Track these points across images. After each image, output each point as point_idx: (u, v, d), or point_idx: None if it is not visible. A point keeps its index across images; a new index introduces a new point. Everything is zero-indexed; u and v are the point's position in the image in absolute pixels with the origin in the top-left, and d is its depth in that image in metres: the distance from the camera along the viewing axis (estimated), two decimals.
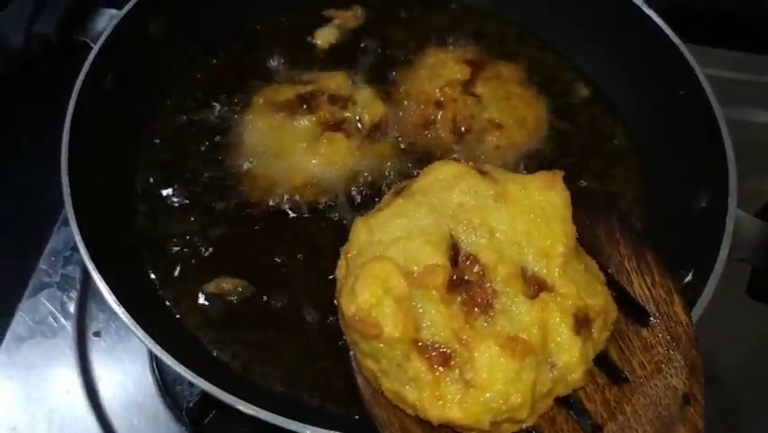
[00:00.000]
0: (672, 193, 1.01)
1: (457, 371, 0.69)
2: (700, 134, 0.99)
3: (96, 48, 0.97)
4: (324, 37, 1.17)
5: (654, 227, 1.00)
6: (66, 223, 1.14)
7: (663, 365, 0.68)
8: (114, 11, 1.03)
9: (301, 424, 0.74)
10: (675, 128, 1.05)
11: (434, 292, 0.71)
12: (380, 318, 0.70)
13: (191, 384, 0.84)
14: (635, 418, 0.67)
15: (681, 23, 1.06)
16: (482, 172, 0.80)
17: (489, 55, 1.14)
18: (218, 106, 1.08)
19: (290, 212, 0.99)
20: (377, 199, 0.88)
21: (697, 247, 0.90)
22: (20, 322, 1.06)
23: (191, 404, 0.93)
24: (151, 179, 1.02)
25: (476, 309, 0.72)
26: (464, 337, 0.70)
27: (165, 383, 1.01)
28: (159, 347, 0.77)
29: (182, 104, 1.09)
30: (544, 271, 0.74)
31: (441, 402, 0.69)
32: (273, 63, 1.14)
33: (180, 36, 1.10)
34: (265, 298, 0.92)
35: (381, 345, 0.70)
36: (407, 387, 0.71)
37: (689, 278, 0.88)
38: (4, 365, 1.03)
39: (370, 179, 1.01)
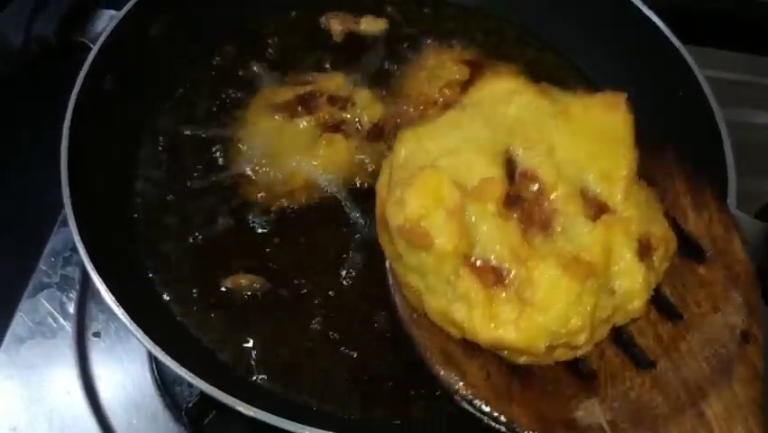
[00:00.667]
0: None
1: (513, 289, 0.64)
2: (700, 136, 0.99)
3: (95, 49, 0.97)
4: (375, 26, 1.17)
5: None
6: (65, 223, 1.13)
7: (720, 304, 0.64)
8: (113, 12, 1.04)
9: (300, 425, 0.74)
10: (675, 129, 1.05)
11: (489, 206, 0.66)
12: (431, 230, 0.65)
13: (190, 385, 0.84)
14: (691, 355, 0.63)
15: (681, 23, 1.06)
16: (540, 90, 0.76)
17: (489, 56, 1.14)
18: (218, 108, 1.08)
19: (290, 214, 0.99)
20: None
21: None
22: (19, 322, 1.06)
23: (190, 405, 0.93)
24: (151, 180, 1.02)
25: (534, 227, 0.66)
26: (522, 255, 0.64)
27: (164, 384, 1.01)
28: (158, 348, 0.77)
29: (182, 104, 1.09)
30: (606, 193, 0.69)
31: (493, 323, 0.64)
32: (273, 64, 1.14)
33: (180, 37, 1.10)
34: (265, 298, 0.92)
35: (430, 258, 0.66)
36: (456, 306, 0.65)
37: None
38: (4, 365, 1.03)
39: (369, 180, 1.01)
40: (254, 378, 0.87)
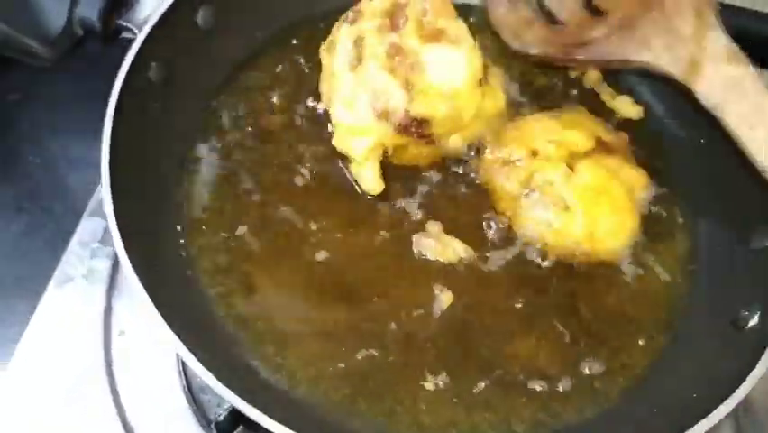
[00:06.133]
0: (735, 231, 0.95)
1: None
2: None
3: (140, 35, 0.91)
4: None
5: (717, 266, 0.95)
6: (94, 213, 1.09)
7: None
8: None
9: None
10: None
11: None
12: None
13: None
14: None
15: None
16: None
17: (632, 152, 1.01)
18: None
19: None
20: None
21: (763, 288, 0.86)
22: (42, 317, 1.01)
23: (220, 417, 0.89)
24: (202, 179, 0.97)
25: None
26: None
27: (191, 389, 0.97)
28: (193, 358, 0.74)
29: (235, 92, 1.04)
30: None
31: None
32: None
33: (230, 22, 1.05)
34: None
35: None
36: None
37: (754, 321, 0.84)
38: (25, 360, 0.98)
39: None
40: (294, 394, 0.83)
